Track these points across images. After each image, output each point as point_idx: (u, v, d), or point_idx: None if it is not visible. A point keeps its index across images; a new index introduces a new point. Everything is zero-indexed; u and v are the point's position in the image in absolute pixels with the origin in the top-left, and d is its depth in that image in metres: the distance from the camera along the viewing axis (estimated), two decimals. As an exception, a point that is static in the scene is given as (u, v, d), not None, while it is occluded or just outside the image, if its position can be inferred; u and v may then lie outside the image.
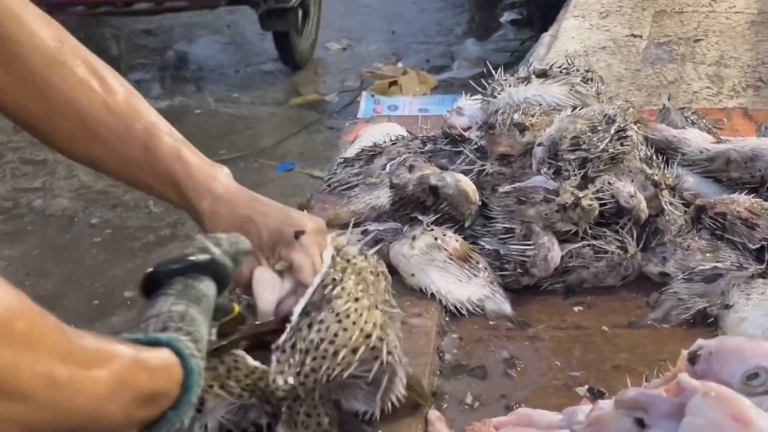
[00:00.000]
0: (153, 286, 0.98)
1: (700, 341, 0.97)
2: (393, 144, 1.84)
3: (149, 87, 5.89)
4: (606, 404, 1.01)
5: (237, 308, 1.07)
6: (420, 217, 1.56)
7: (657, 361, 1.30)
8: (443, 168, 1.68)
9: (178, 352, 0.90)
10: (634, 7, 3.28)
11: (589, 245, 1.54)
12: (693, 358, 0.95)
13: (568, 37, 3.02)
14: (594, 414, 0.94)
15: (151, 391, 0.87)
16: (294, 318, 1.06)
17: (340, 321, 1.06)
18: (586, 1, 3.32)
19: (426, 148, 1.76)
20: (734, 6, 3.25)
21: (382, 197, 1.68)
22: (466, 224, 1.57)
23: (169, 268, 0.98)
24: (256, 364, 1.05)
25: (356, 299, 1.07)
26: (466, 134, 1.71)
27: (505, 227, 1.56)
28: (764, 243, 1.52)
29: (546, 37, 3.08)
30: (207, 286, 0.99)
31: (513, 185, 1.58)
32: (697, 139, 1.72)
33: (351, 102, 5.47)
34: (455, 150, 1.71)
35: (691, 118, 1.87)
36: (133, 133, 1.11)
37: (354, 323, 1.06)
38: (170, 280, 0.97)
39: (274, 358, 1.04)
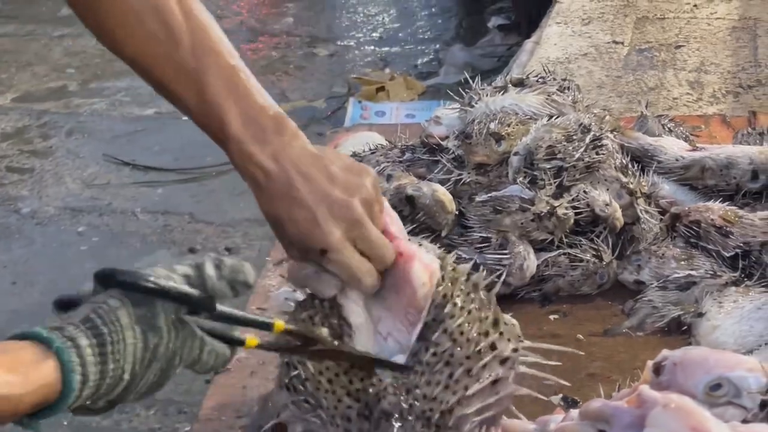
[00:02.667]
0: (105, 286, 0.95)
1: (665, 352, 0.98)
2: (372, 153, 1.85)
3: (138, 92, 5.89)
4: (576, 414, 1.02)
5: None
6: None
7: (631, 370, 1.32)
8: (421, 177, 1.69)
9: (55, 350, 0.87)
10: (616, 14, 3.29)
11: (564, 254, 1.55)
12: (658, 369, 0.96)
13: (551, 43, 3.03)
14: (560, 424, 0.95)
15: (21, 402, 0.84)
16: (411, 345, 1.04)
17: (454, 340, 1.04)
18: (569, 8, 3.33)
19: (404, 158, 1.77)
20: (715, 12, 3.26)
21: (360, 207, 1.68)
22: (443, 234, 1.58)
23: (119, 281, 0.94)
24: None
25: (469, 312, 1.06)
26: (443, 143, 1.72)
27: (481, 236, 1.57)
28: (738, 251, 1.53)
29: (528, 43, 3.10)
30: (164, 306, 0.94)
31: (489, 194, 1.59)
32: (673, 147, 1.74)
33: (338, 108, 5.47)
34: (433, 159, 1.72)
35: (669, 125, 1.88)
36: (190, 90, 1.09)
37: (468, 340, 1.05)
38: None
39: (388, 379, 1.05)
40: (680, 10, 3.31)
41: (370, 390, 1.05)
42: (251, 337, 1.01)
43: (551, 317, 1.53)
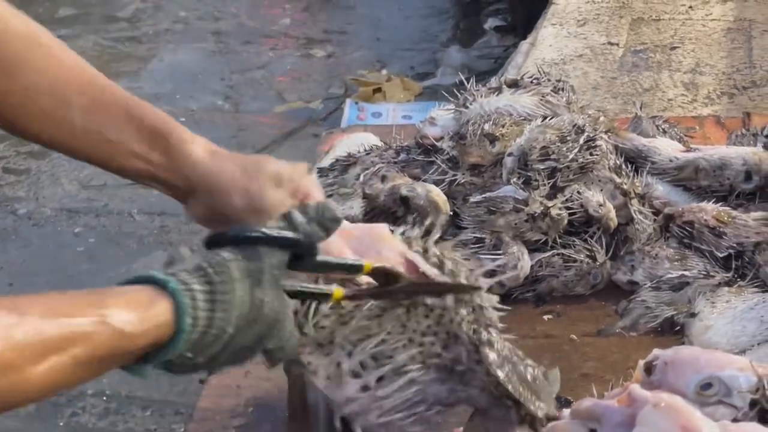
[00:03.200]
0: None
1: (656, 351, 0.98)
2: (367, 154, 1.85)
3: (136, 94, 5.88)
4: (568, 414, 1.03)
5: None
6: (391, 228, 1.57)
7: (624, 370, 1.32)
8: (416, 178, 1.69)
9: (170, 290, 0.89)
10: (611, 15, 3.30)
11: (558, 254, 1.56)
12: (649, 368, 0.97)
13: (546, 45, 3.04)
14: (551, 424, 0.96)
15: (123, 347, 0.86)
16: None
17: None
18: (564, 10, 3.34)
19: (399, 158, 1.78)
20: (710, 14, 3.27)
21: (356, 208, 1.69)
22: (437, 235, 1.58)
23: (231, 236, 0.97)
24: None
25: None
26: (438, 144, 1.72)
27: (475, 237, 1.57)
28: (731, 251, 1.54)
29: (524, 45, 3.10)
30: (271, 258, 0.96)
31: (483, 195, 1.60)
32: (666, 148, 1.74)
33: (335, 109, 5.48)
34: (428, 160, 1.72)
35: (663, 126, 1.88)
36: (116, 97, 1.12)
37: None
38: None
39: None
40: (675, 11, 3.31)
41: (448, 319, 1.09)
42: (338, 288, 1.04)
43: (545, 317, 1.53)
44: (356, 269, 1.05)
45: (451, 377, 1.10)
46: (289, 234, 0.98)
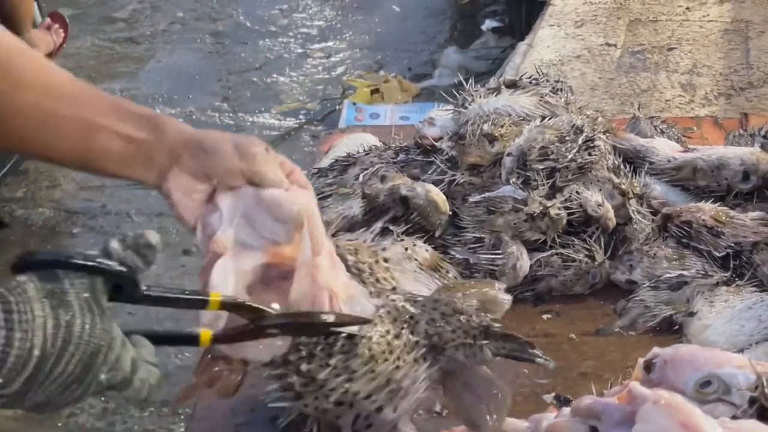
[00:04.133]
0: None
1: (655, 350, 0.99)
2: (366, 154, 1.86)
3: (133, 94, 5.89)
4: (568, 412, 1.03)
5: (215, 297, 0.98)
6: (391, 228, 1.58)
7: (623, 369, 1.33)
8: (415, 178, 1.69)
9: None
10: (609, 16, 3.31)
11: (557, 254, 1.56)
12: (649, 367, 0.97)
13: (544, 46, 3.05)
14: (552, 422, 0.96)
15: None
16: None
17: None
18: (562, 10, 3.35)
19: (398, 159, 1.78)
20: (708, 15, 3.28)
21: (355, 207, 1.69)
22: (437, 234, 1.59)
23: (29, 261, 0.90)
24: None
25: None
26: (437, 144, 1.73)
27: (474, 237, 1.58)
28: (729, 251, 1.54)
29: (522, 46, 3.11)
30: (74, 281, 0.90)
31: (483, 195, 1.60)
32: (665, 148, 1.75)
33: (333, 110, 5.48)
34: (427, 160, 1.73)
35: (661, 127, 1.89)
36: (102, 95, 1.11)
37: None
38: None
39: None
40: (673, 12, 3.33)
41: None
42: (205, 330, 0.97)
43: (544, 317, 1.54)
44: (198, 303, 0.98)
45: (431, 352, 1.13)
46: (94, 259, 0.91)
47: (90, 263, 0.90)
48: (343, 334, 1.08)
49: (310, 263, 1.04)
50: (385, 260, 1.28)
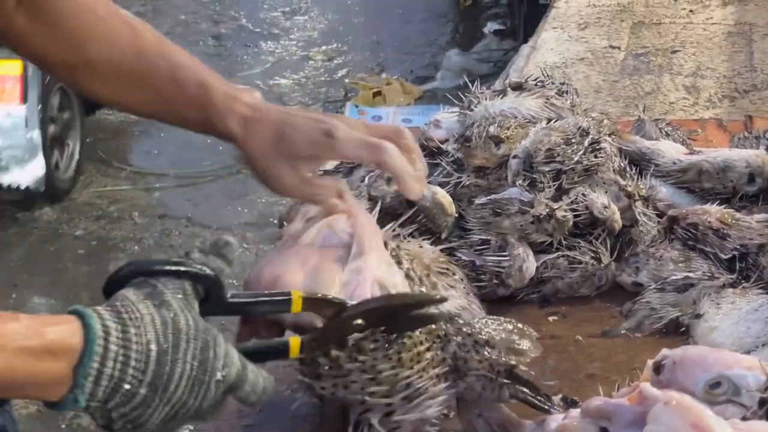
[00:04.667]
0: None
1: (665, 351, 0.99)
2: (372, 156, 1.86)
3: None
4: (577, 413, 1.03)
5: (297, 294, 0.99)
6: (397, 229, 1.58)
7: (630, 370, 1.33)
8: (421, 180, 1.70)
9: (81, 316, 0.87)
10: (612, 19, 3.32)
11: (563, 256, 1.56)
12: (658, 368, 0.97)
13: (547, 48, 3.05)
14: (561, 423, 0.96)
15: (43, 344, 0.85)
16: None
17: None
18: (565, 13, 3.36)
19: (404, 161, 1.78)
20: (711, 17, 3.29)
21: (361, 209, 1.70)
22: (443, 236, 1.59)
23: (118, 277, 0.94)
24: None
25: None
26: (443, 147, 1.73)
27: (481, 239, 1.58)
28: (735, 253, 1.54)
29: (525, 48, 3.12)
30: (166, 284, 0.93)
31: (489, 197, 1.60)
32: (670, 151, 1.75)
33: (335, 112, 5.49)
34: (433, 162, 1.72)
35: (666, 129, 1.89)
36: (161, 72, 1.16)
37: None
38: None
39: None
40: (676, 15, 3.33)
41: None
42: (294, 337, 0.98)
43: (550, 319, 1.54)
44: (283, 305, 0.99)
45: (453, 373, 1.13)
46: (179, 264, 0.93)
47: (176, 267, 0.93)
48: (379, 333, 1.07)
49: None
50: (435, 281, 1.28)
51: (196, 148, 5.18)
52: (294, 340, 0.98)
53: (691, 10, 3.37)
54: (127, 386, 0.87)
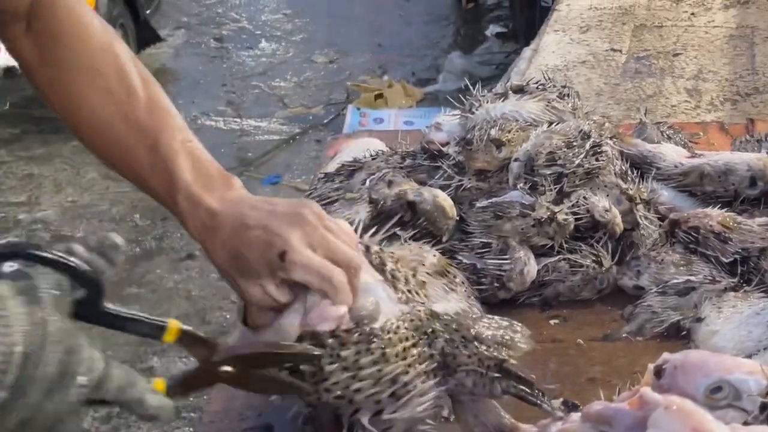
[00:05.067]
0: None
1: (665, 355, 0.99)
2: (373, 159, 1.85)
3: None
4: (578, 417, 1.03)
5: (174, 324, 0.96)
6: (398, 233, 1.58)
7: (631, 374, 1.32)
8: (422, 183, 1.70)
9: None
10: (614, 22, 3.32)
11: (564, 259, 1.56)
12: (659, 372, 0.97)
13: (549, 51, 3.05)
14: (562, 427, 0.96)
15: None
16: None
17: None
18: (567, 16, 3.36)
19: (405, 164, 1.78)
20: (713, 21, 3.29)
21: (362, 212, 1.69)
22: (444, 239, 1.59)
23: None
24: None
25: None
26: (444, 149, 1.73)
27: (482, 242, 1.58)
28: (736, 257, 1.54)
29: (527, 51, 3.12)
30: (45, 277, 0.88)
31: (490, 200, 1.60)
32: (671, 154, 1.75)
33: (337, 115, 5.49)
34: (434, 165, 1.72)
35: (667, 132, 1.89)
36: (140, 152, 1.14)
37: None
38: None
39: None
40: (678, 18, 3.33)
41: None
42: (157, 379, 0.93)
43: (551, 322, 1.53)
44: (156, 330, 0.95)
45: (441, 370, 1.13)
46: (60, 255, 0.88)
47: (58, 258, 0.88)
48: (361, 327, 1.08)
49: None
50: (423, 280, 1.27)
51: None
52: (158, 383, 0.94)
53: (692, 13, 3.37)
54: None
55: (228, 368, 1.00)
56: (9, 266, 0.87)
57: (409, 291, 1.19)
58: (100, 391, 0.88)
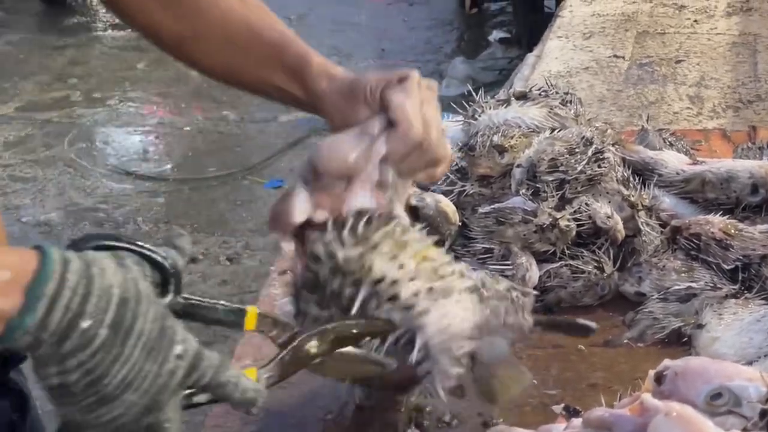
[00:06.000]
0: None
1: (666, 362, 1.00)
2: (376, 164, 1.86)
3: (141, 102, 5.91)
4: (579, 423, 1.04)
5: (252, 310, 0.95)
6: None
7: (632, 380, 1.33)
8: (425, 188, 1.70)
9: (39, 249, 0.79)
10: (617, 28, 3.33)
11: (566, 265, 1.57)
12: (659, 378, 0.98)
13: (552, 57, 3.06)
14: (565, 431, 0.97)
15: None
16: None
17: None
18: (570, 23, 3.37)
19: (408, 169, 1.79)
20: (716, 28, 3.30)
21: (365, 217, 1.70)
22: (446, 244, 1.59)
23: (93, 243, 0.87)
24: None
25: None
26: (447, 155, 1.73)
27: (484, 247, 1.59)
28: (738, 264, 1.55)
29: (530, 57, 3.12)
30: (129, 258, 0.87)
31: (492, 206, 1.61)
32: (673, 161, 1.75)
33: (340, 119, 5.49)
34: (437, 171, 1.73)
35: (669, 139, 1.90)
36: (268, 39, 1.22)
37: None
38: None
39: None
40: (680, 25, 3.34)
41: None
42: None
43: (553, 328, 1.54)
44: (234, 318, 0.94)
45: (474, 293, 1.13)
46: (144, 247, 0.88)
47: (139, 249, 0.87)
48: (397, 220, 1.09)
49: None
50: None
51: (200, 154, 5.20)
52: (250, 372, 0.91)
53: (695, 21, 3.37)
54: (85, 323, 0.78)
55: (314, 347, 0.97)
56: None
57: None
58: (196, 370, 0.84)
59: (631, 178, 1.67)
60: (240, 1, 1.24)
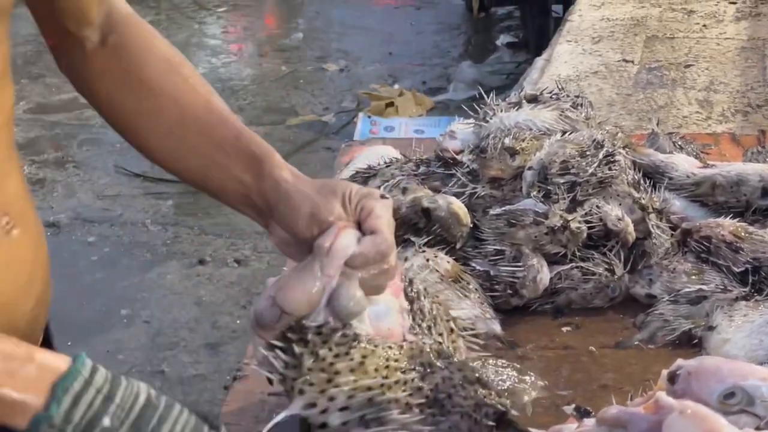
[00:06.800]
0: None
1: (679, 361, 1.00)
2: (387, 166, 1.87)
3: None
4: (592, 423, 1.04)
5: None
6: (412, 239, 1.60)
7: (642, 381, 1.34)
8: (436, 190, 1.71)
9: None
10: (626, 33, 3.33)
11: (577, 267, 1.57)
12: (673, 378, 0.98)
13: (561, 61, 3.07)
14: (577, 430, 0.97)
15: (29, 353, 0.83)
16: None
17: None
18: (579, 27, 3.37)
19: (419, 171, 1.80)
20: (725, 32, 3.30)
21: (376, 219, 1.71)
22: (458, 246, 1.60)
23: None
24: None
25: None
26: (458, 157, 1.74)
27: (495, 249, 1.59)
28: (748, 266, 1.55)
29: (539, 61, 3.13)
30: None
31: (503, 208, 1.61)
32: (684, 164, 1.76)
33: (348, 123, 5.51)
34: (448, 173, 1.74)
35: (679, 143, 1.90)
36: (228, 125, 1.17)
37: None
38: None
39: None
40: (690, 29, 3.34)
41: (418, 351, 1.09)
42: None
43: (563, 329, 1.55)
44: None
45: (433, 408, 1.08)
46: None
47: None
48: (347, 329, 1.05)
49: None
50: (452, 328, 1.22)
51: (208, 157, 5.19)
52: None
53: (704, 25, 3.38)
54: (107, 421, 0.81)
55: None
56: None
57: (429, 329, 1.15)
58: None
59: (642, 181, 1.68)
60: (202, 86, 1.19)
